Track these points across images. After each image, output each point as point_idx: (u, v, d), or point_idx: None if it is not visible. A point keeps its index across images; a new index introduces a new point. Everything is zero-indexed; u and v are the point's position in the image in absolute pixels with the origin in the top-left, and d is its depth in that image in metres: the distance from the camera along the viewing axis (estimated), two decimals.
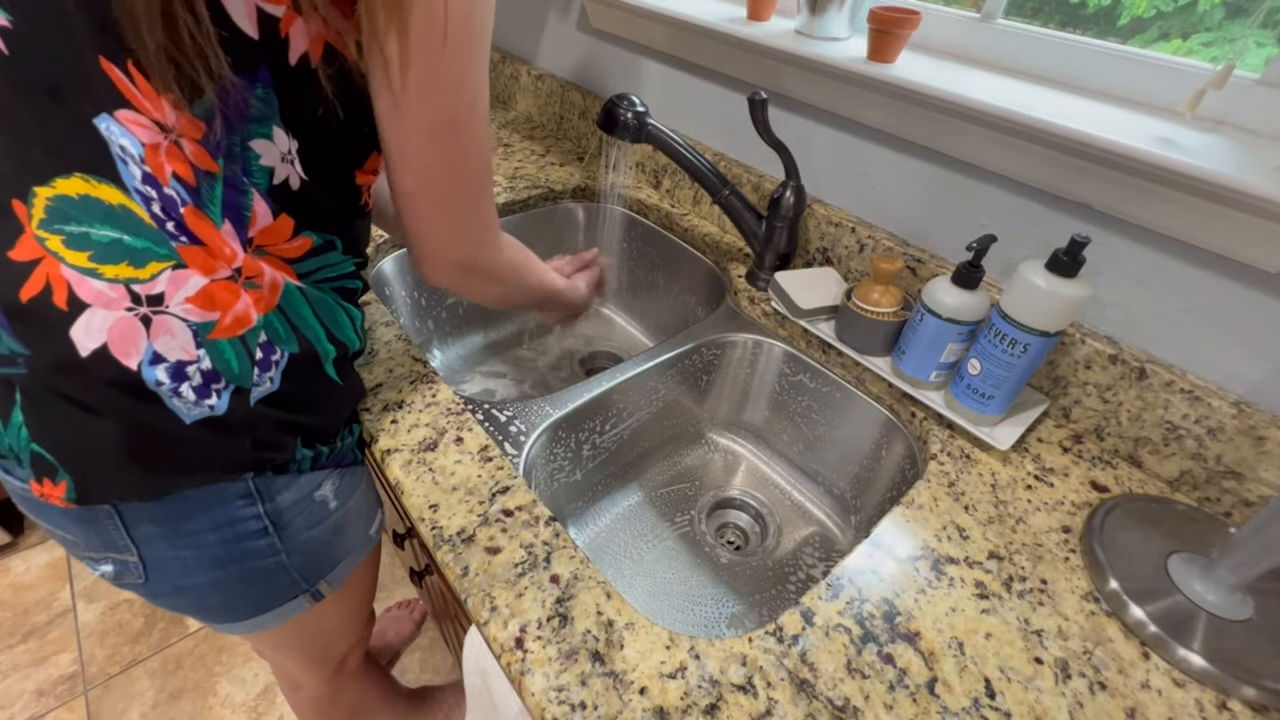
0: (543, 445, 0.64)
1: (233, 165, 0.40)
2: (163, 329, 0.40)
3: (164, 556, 0.48)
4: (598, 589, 0.46)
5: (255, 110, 0.39)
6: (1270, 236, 0.49)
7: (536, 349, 1.04)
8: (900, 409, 0.68)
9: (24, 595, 1.33)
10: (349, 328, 0.51)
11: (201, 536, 0.47)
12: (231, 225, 0.41)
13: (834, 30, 0.73)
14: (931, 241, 0.73)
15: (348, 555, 0.59)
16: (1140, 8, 0.61)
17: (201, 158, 0.39)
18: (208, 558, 0.49)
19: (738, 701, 0.41)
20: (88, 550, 0.48)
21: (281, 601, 0.56)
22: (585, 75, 1.12)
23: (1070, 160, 0.58)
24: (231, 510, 0.47)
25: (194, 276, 0.40)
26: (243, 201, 0.41)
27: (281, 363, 0.45)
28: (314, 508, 0.52)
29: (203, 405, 0.42)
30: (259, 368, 0.44)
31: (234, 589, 0.52)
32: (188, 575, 0.49)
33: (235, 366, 0.43)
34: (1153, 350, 0.59)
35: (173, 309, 0.40)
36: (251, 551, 0.50)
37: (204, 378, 0.42)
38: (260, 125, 0.39)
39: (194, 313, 0.40)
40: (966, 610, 0.48)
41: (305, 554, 0.54)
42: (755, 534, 0.79)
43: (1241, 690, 0.44)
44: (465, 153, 0.43)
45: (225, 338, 0.42)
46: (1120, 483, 0.59)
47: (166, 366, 0.40)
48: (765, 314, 0.79)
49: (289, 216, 0.44)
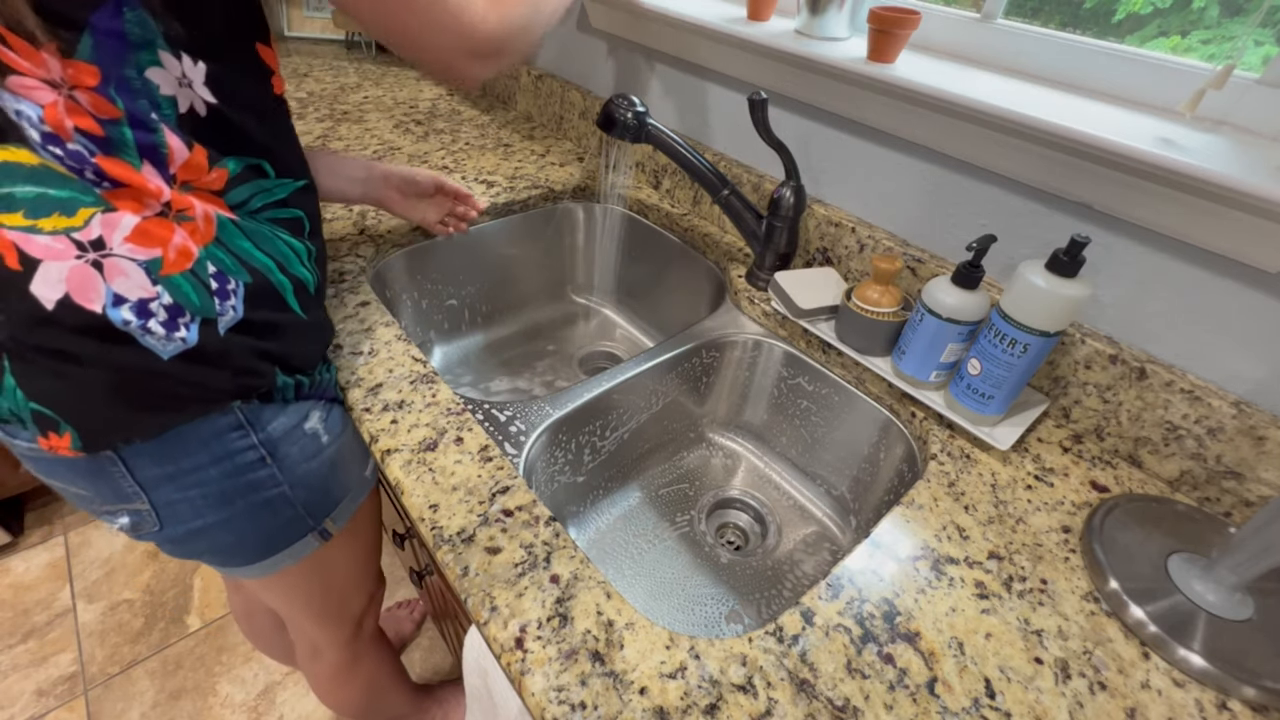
0: (543, 445, 0.64)
1: (135, 103, 0.40)
2: (116, 271, 0.41)
3: (173, 500, 0.50)
4: (598, 589, 0.46)
5: (133, 35, 0.38)
6: (1270, 236, 0.49)
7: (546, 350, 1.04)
8: (900, 409, 0.68)
9: (24, 595, 1.33)
10: (297, 261, 0.51)
11: (204, 473, 0.49)
12: (151, 165, 0.42)
13: (834, 30, 0.73)
14: (931, 241, 0.73)
15: (348, 494, 0.62)
16: (1137, 4, 0.61)
17: (101, 105, 0.39)
18: (214, 494, 0.51)
19: (738, 701, 0.41)
20: (102, 504, 0.50)
21: (292, 539, 0.58)
22: (585, 75, 1.12)
23: (1070, 160, 0.58)
24: (227, 443, 0.49)
25: (125, 216, 0.41)
26: (155, 140, 0.41)
27: (239, 290, 0.46)
28: (306, 439, 0.55)
29: (175, 339, 0.44)
30: (218, 297, 0.45)
31: (244, 526, 0.54)
32: (199, 516, 0.51)
33: (195, 299, 0.44)
34: (1153, 350, 0.59)
35: (117, 250, 0.41)
36: (254, 484, 0.52)
37: (168, 312, 0.43)
38: (146, 51, 0.39)
39: (137, 251, 0.42)
40: (966, 610, 0.48)
41: (307, 487, 0.56)
42: (755, 534, 0.79)
43: (1241, 690, 0.44)
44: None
45: (176, 272, 0.43)
46: (1120, 483, 0.59)
47: (130, 305, 0.42)
48: (765, 314, 0.79)
49: (203, 147, 0.44)
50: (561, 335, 1.07)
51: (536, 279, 1.06)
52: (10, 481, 1.36)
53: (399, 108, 1.25)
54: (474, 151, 1.09)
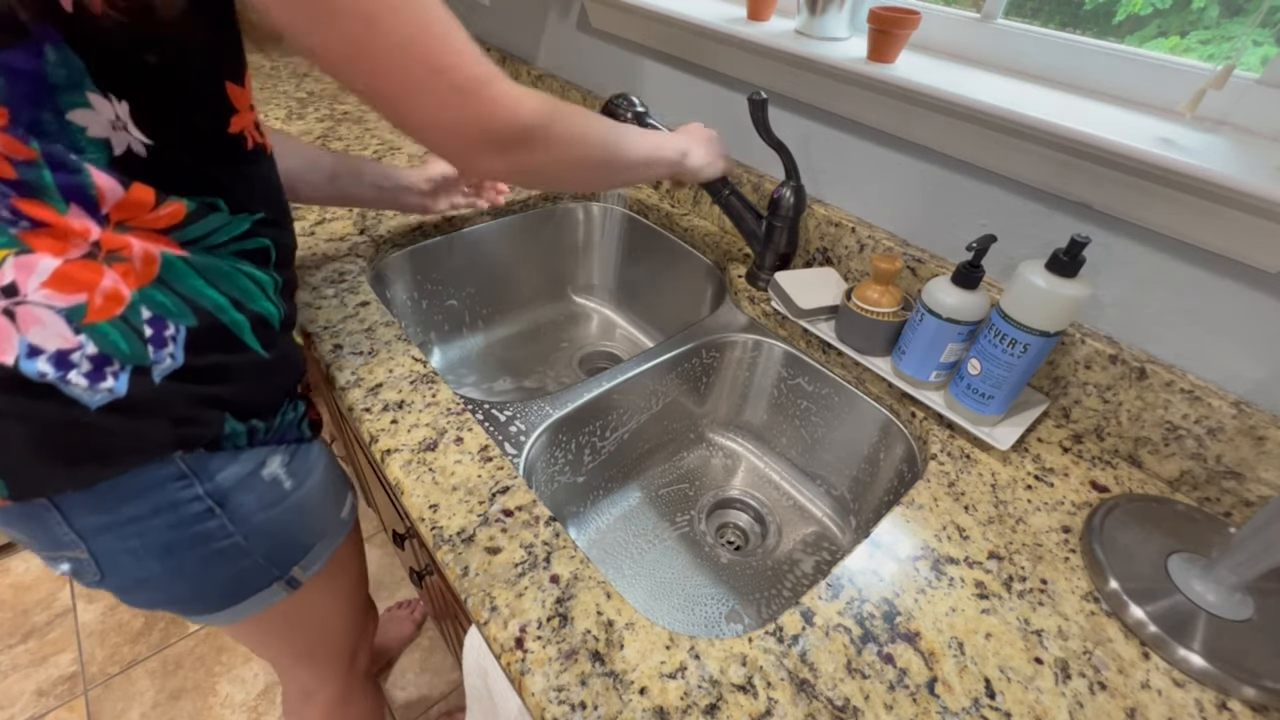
0: (543, 445, 0.64)
1: (52, 145, 0.36)
2: (30, 320, 0.38)
3: (113, 550, 0.47)
4: (598, 589, 0.46)
5: (56, 77, 0.35)
6: (1270, 236, 0.49)
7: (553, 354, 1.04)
8: (900, 409, 0.68)
9: (24, 595, 1.33)
10: (260, 296, 0.48)
11: (145, 523, 0.46)
12: (79, 206, 0.38)
13: (834, 30, 0.73)
14: (931, 241, 0.73)
15: (320, 539, 0.58)
16: (1137, 5, 0.61)
17: (12, 146, 0.36)
18: (157, 545, 0.47)
19: (738, 701, 0.41)
20: (42, 549, 0.47)
21: (254, 589, 0.54)
22: (585, 75, 1.12)
23: (1070, 160, 0.58)
24: (169, 493, 0.46)
25: (44, 259, 0.38)
26: (80, 181, 0.38)
27: (179, 337, 0.43)
28: (264, 487, 0.51)
29: (100, 390, 0.40)
30: (153, 344, 0.42)
31: (197, 576, 0.51)
32: (142, 566, 0.48)
33: (125, 347, 0.41)
34: (1153, 350, 0.59)
35: (31, 297, 0.37)
36: (203, 535, 0.48)
37: (93, 363, 0.40)
38: (71, 92, 0.35)
39: (56, 298, 0.38)
40: (966, 610, 0.48)
41: (268, 536, 0.52)
42: (755, 534, 0.79)
43: (1241, 690, 0.44)
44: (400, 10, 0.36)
45: (103, 319, 0.40)
46: (1120, 483, 0.59)
47: (47, 357, 0.38)
48: (765, 314, 0.79)
49: (145, 185, 0.40)
50: (561, 335, 1.07)
51: (536, 279, 1.06)
52: None
53: None
54: None
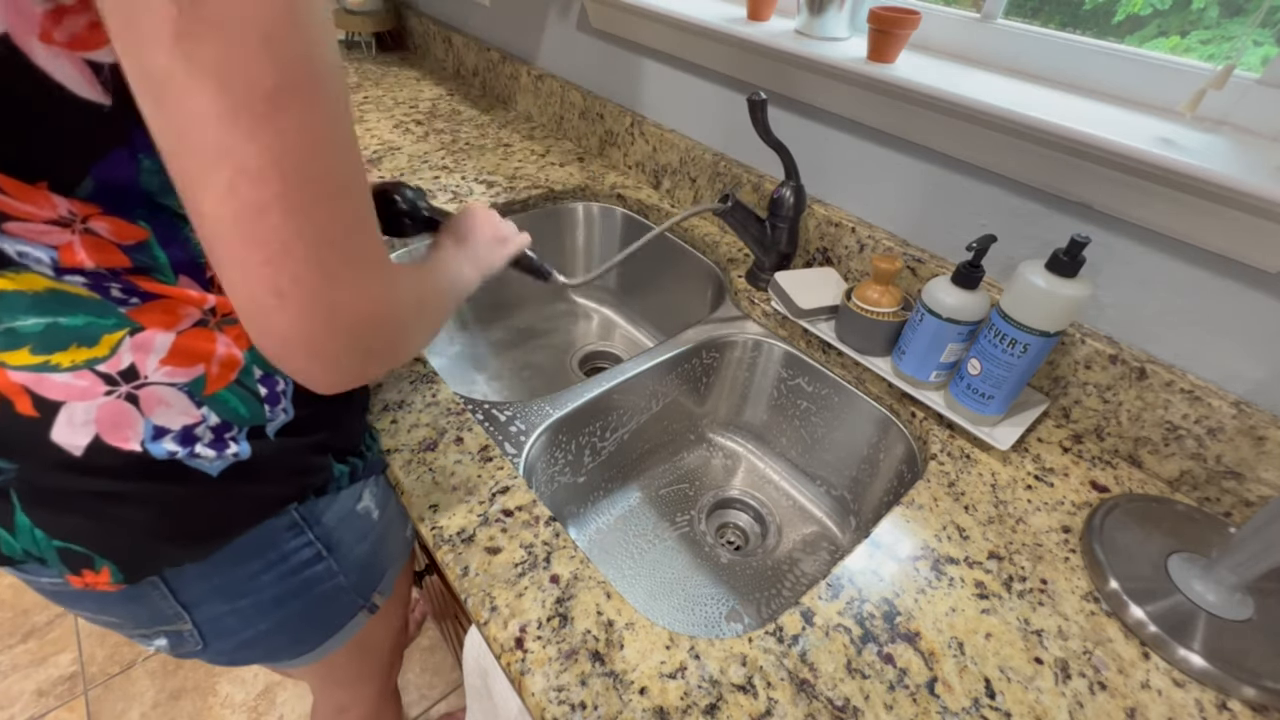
0: (543, 445, 0.64)
1: (159, 225, 0.34)
2: (155, 402, 0.37)
3: (219, 614, 0.45)
4: (598, 589, 0.46)
5: (149, 184, 0.32)
6: (1270, 236, 0.49)
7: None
8: (900, 409, 0.68)
9: (24, 595, 1.33)
10: None
11: (256, 580, 0.45)
12: (188, 276, 0.37)
13: (834, 30, 0.73)
14: (931, 241, 0.73)
15: (394, 563, 0.58)
16: (1137, 5, 0.61)
17: (123, 230, 0.33)
18: (267, 600, 0.47)
19: (738, 701, 0.41)
20: (137, 628, 0.45)
21: (344, 622, 0.54)
22: (585, 75, 1.12)
23: (1070, 160, 0.58)
24: (282, 545, 0.45)
25: (158, 335, 0.36)
26: (191, 253, 0.36)
27: (288, 390, 0.42)
28: (359, 521, 0.51)
29: (225, 456, 0.40)
30: (268, 403, 0.41)
31: (299, 623, 0.50)
32: (249, 626, 0.47)
33: (244, 411, 0.40)
34: (1153, 350, 0.59)
35: (153, 379, 0.36)
36: (311, 580, 0.48)
37: (215, 432, 0.39)
38: (166, 195, 0.33)
39: (177, 374, 0.37)
40: (966, 610, 0.48)
41: (360, 569, 0.52)
42: (755, 534, 0.79)
43: (1241, 690, 0.44)
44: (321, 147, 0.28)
45: (222, 388, 0.39)
46: (1120, 483, 0.59)
47: (173, 436, 0.37)
48: (765, 314, 0.79)
49: None
50: (561, 335, 1.07)
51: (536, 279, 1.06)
52: None
53: (399, 108, 1.25)
54: (474, 151, 1.09)
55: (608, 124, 1.08)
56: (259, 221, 0.27)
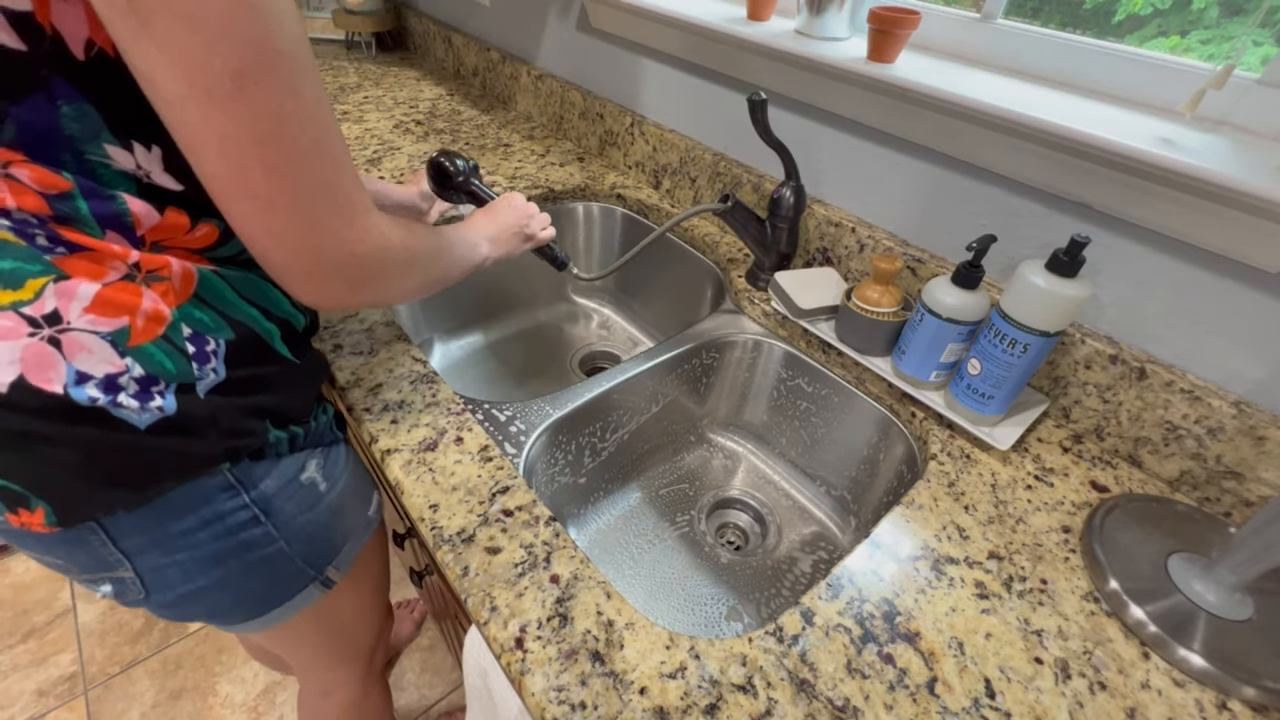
0: (543, 445, 0.64)
1: (84, 178, 0.36)
2: (77, 347, 0.37)
3: (159, 566, 0.46)
4: (598, 589, 0.46)
5: (71, 130, 0.34)
6: (1270, 236, 0.49)
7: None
8: (900, 409, 0.68)
9: (24, 595, 1.33)
10: (286, 303, 0.49)
11: (193, 536, 0.46)
12: (115, 232, 0.38)
13: (834, 30, 0.73)
14: (931, 241, 0.73)
15: (350, 538, 0.59)
16: (1137, 5, 0.61)
17: (45, 179, 0.35)
18: (205, 557, 0.47)
19: (738, 701, 0.41)
20: (82, 572, 0.46)
21: (293, 592, 0.55)
22: (585, 75, 1.12)
23: (1070, 160, 0.58)
24: (217, 505, 0.46)
25: (82, 285, 0.37)
26: (115, 208, 0.37)
27: (220, 351, 0.43)
28: (303, 491, 0.51)
29: (150, 409, 0.40)
30: (196, 361, 0.42)
31: (240, 585, 0.51)
32: (189, 580, 0.48)
33: (170, 366, 0.41)
34: (1153, 350, 0.59)
35: (75, 324, 0.37)
36: (248, 543, 0.49)
37: (140, 384, 0.40)
38: (89, 144, 0.35)
39: (100, 323, 0.38)
40: (966, 610, 0.48)
41: (306, 539, 0.53)
42: (755, 534, 0.79)
43: (1241, 690, 0.44)
44: (288, 118, 0.33)
45: (147, 341, 0.40)
46: (1120, 483, 0.59)
47: (96, 383, 0.38)
48: (765, 314, 0.79)
49: (179, 211, 0.39)
50: (561, 335, 1.07)
51: (536, 279, 1.06)
52: None
53: (399, 108, 1.25)
54: (474, 151, 1.09)
55: (608, 124, 1.08)
56: (246, 179, 0.33)
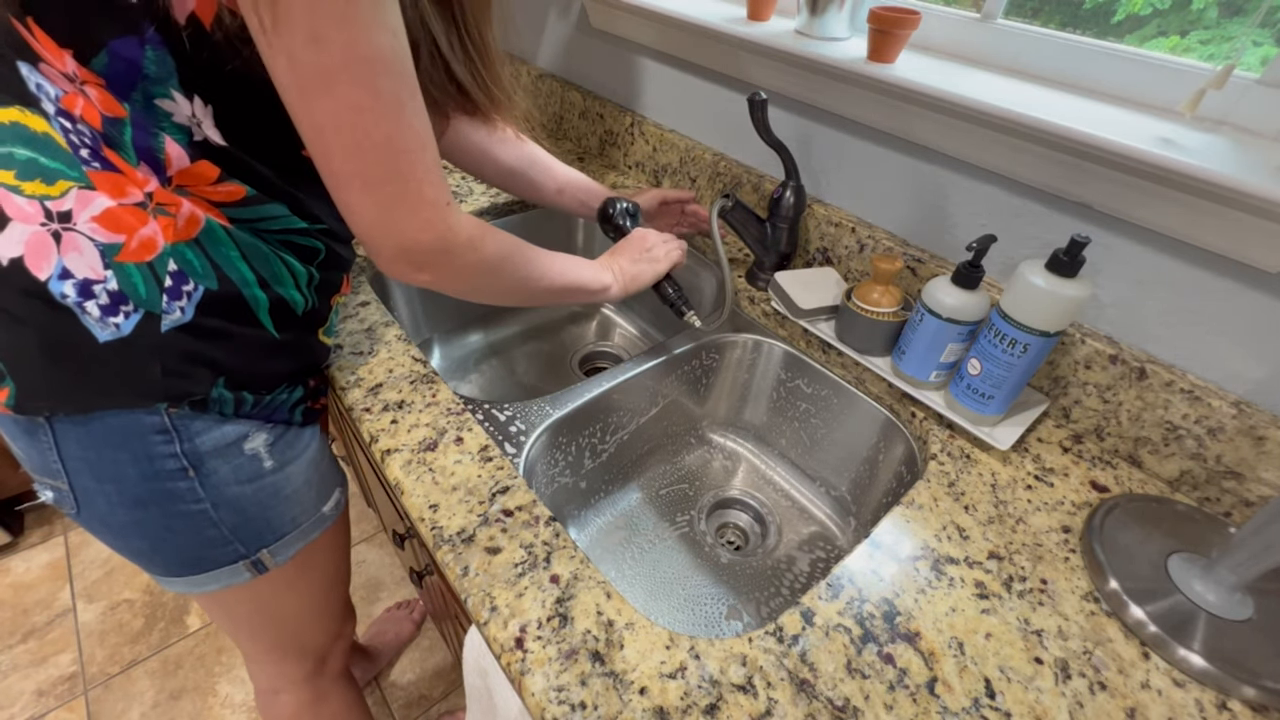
0: (543, 445, 0.64)
1: (140, 112, 0.41)
2: (71, 245, 0.41)
3: (90, 489, 0.48)
4: (598, 589, 0.46)
5: (150, 70, 0.39)
6: (1270, 236, 0.49)
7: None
8: (900, 409, 0.68)
9: (24, 595, 1.33)
10: (290, 283, 0.50)
11: (122, 469, 0.48)
12: (147, 165, 0.42)
13: (834, 30, 0.73)
14: (931, 241, 0.73)
15: (295, 527, 0.58)
16: (1137, 5, 0.61)
17: (108, 103, 0.40)
18: (129, 495, 0.49)
19: (738, 701, 0.41)
20: (33, 471, 0.50)
21: (219, 563, 0.55)
22: (585, 75, 1.12)
23: (1070, 160, 0.58)
24: (149, 445, 0.47)
25: (99, 198, 0.42)
26: (153, 144, 0.42)
27: (195, 295, 0.45)
28: (243, 460, 0.52)
29: (109, 325, 0.43)
30: (168, 295, 0.44)
31: (158, 534, 0.52)
32: (112, 511, 0.50)
33: (142, 291, 0.43)
34: (1153, 350, 0.59)
35: (79, 226, 0.41)
36: (172, 494, 0.49)
37: (110, 298, 0.43)
38: (159, 85, 0.40)
39: (99, 232, 0.42)
40: (966, 610, 0.48)
41: (237, 511, 0.53)
42: (755, 534, 0.79)
43: (1241, 690, 0.44)
44: (364, 113, 0.38)
45: (132, 261, 0.43)
46: (1120, 483, 0.59)
47: (74, 283, 0.42)
48: (765, 314, 0.79)
49: (212, 164, 0.44)
50: (561, 335, 1.07)
51: None
52: (10, 481, 1.36)
53: None
54: None
55: (608, 124, 1.08)
56: (328, 159, 0.40)
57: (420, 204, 0.43)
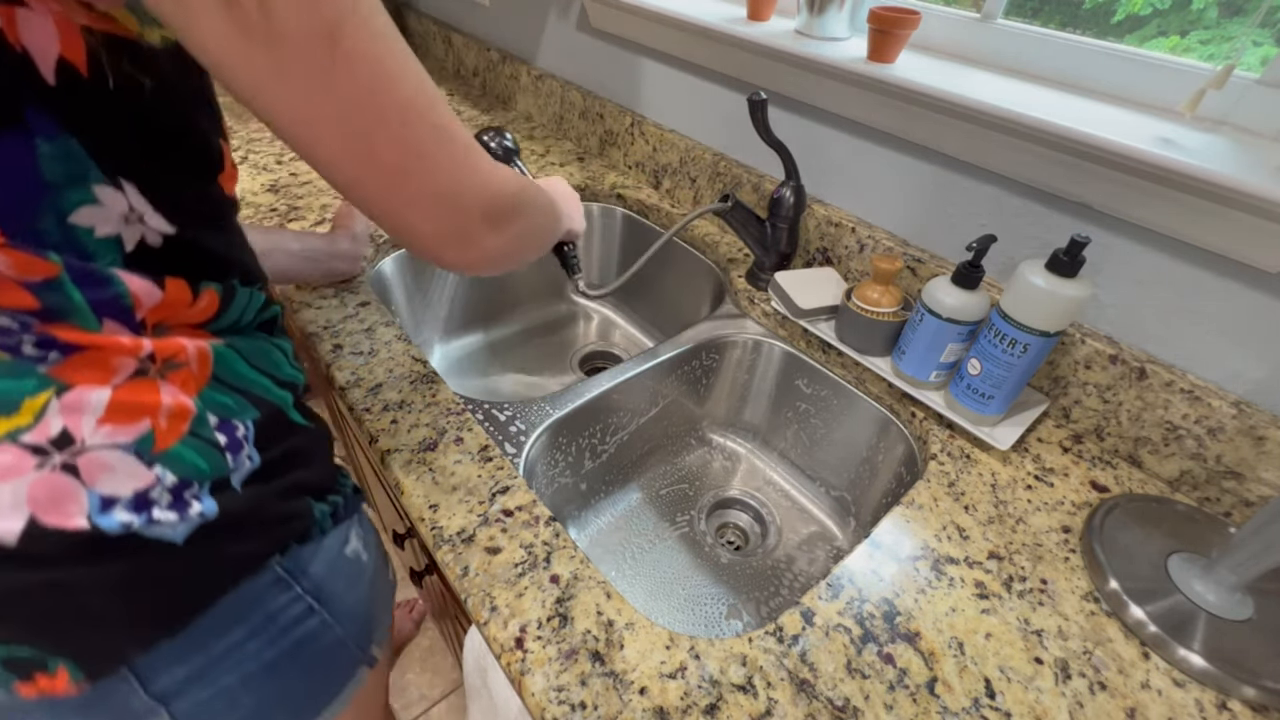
0: (543, 445, 0.64)
1: (72, 256, 0.30)
2: (98, 468, 0.32)
3: (203, 700, 0.39)
4: (598, 589, 0.46)
5: (53, 174, 0.28)
6: (1270, 236, 0.49)
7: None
8: (900, 409, 0.68)
9: None
10: (285, 364, 0.44)
11: (241, 650, 0.40)
12: (114, 320, 0.32)
13: (834, 30, 0.73)
14: (931, 241, 0.73)
15: (386, 608, 0.54)
16: (1137, 5, 0.61)
17: (25, 264, 0.29)
18: (257, 671, 0.41)
19: (738, 701, 0.41)
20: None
21: (345, 681, 0.49)
22: (585, 75, 1.12)
23: (1070, 160, 0.58)
24: (268, 605, 0.40)
25: (91, 393, 0.31)
26: (112, 291, 0.32)
27: (250, 434, 0.38)
28: (350, 566, 0.46)
29: (189, 518, 0.35)
30: (230, 452, 0.37)
31: (297, 692, 0.45)
32: (234, 707, 0.41)
33: (204, 465, 0.35)
34: (1153, 350, 0.59)
35: (93, 442, 0.32)
36: (304, 639, 0.43)
37: (174, 493, 0.34)
38: (73, 190, 0.29)
39: (120, 433, 0.32)
40: (966, 610, 0.48)
41: (355, 619, 0.47)
42: (755, 534, 0.79)
43: (1241, 690, 0.44)
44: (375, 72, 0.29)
45: (175, 442, 0.34)
46: (1120, 483, 0.59)
47: (124, 503, 0.32)
48: (765, 314, 0.79)
49: (179, 281, 0.34)
50: (561, 335, 1.07)
51: (536, 279, 1.06)
52: None
53: None
54: None
55: (608, 124, 1.08)
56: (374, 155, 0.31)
57: (476, 153, 0.36)
